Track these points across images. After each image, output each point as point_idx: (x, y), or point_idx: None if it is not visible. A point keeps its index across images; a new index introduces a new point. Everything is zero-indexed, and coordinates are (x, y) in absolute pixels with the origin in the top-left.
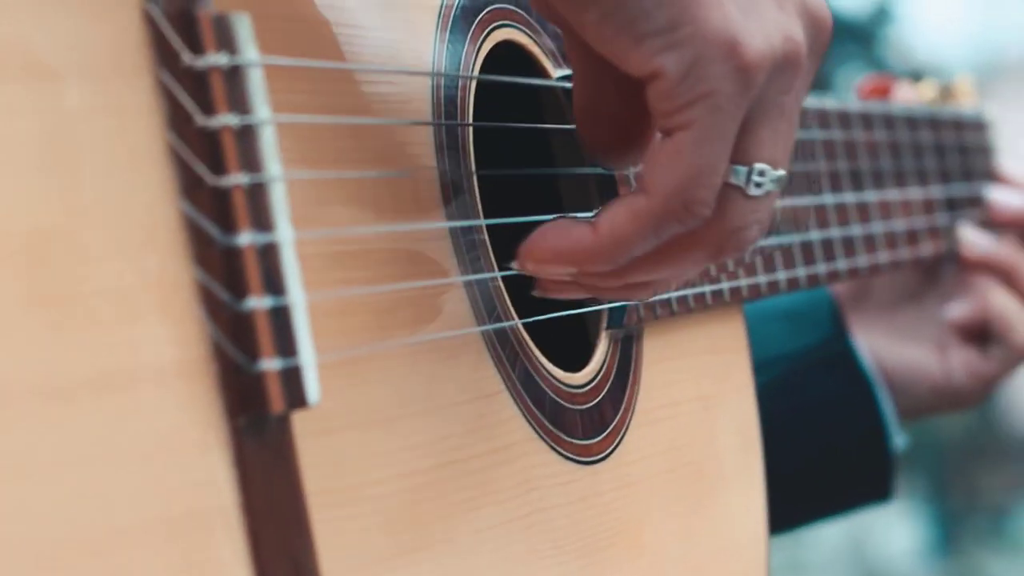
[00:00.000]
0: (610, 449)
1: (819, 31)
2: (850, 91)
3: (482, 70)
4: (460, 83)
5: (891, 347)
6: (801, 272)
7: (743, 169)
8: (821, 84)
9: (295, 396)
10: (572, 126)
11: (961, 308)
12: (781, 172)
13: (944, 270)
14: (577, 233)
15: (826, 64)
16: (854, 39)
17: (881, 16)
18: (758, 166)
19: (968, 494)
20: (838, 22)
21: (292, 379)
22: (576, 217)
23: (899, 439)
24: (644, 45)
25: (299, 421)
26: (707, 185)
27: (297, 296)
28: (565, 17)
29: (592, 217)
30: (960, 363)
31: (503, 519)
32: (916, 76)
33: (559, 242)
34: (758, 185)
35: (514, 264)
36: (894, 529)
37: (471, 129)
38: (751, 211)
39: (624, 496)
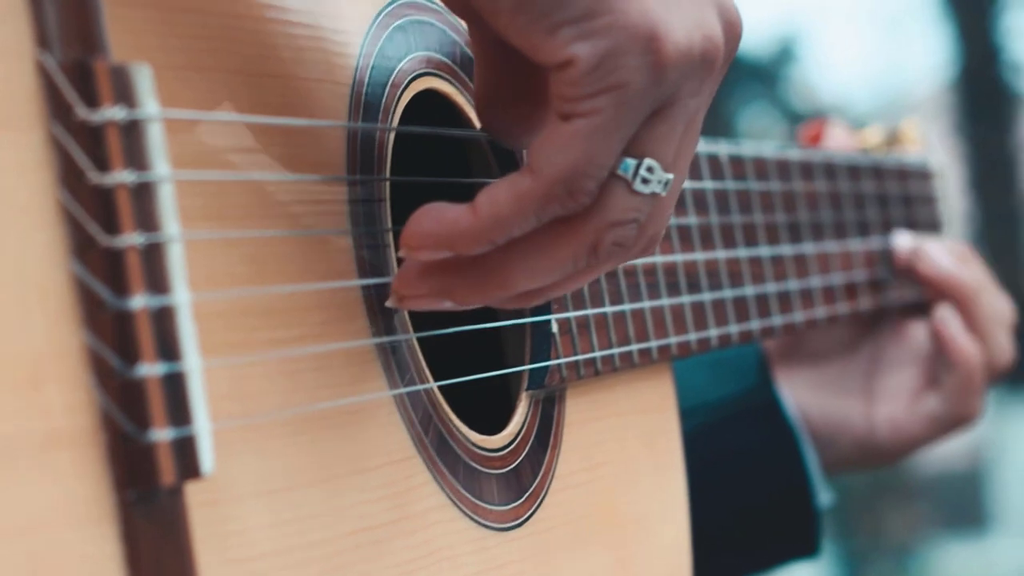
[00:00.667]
0: (527, 515)
1: (731, 37)
2: (754, 132)
3: (403, 120)
4: (378, 134)
5: (817, 399)
6: (733, 329)
7: (632, 162)
8: (724, 124)
9: (188, 467)
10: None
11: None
12: (670, 175)
13: (880, 323)
14: (454, 213)
15: (729, 104)
16: (758, 80)
17: (784, 57)
18: (648, 161)
19: (873, 534)
20: (741, 63)
21: (185, 449)
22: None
23: (825, 495)
24: (558, 34)
25: (193, 492)
26: (594, 175)
27: (193, 362)
28: (475, 6)
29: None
30: (885, 418)
31: None
32: (820, 115)
33: (435, 225)
34: (644, 181)
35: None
36: (799, 569)
37: (388, 183)
38: (633, 207)
39: (542, 563)
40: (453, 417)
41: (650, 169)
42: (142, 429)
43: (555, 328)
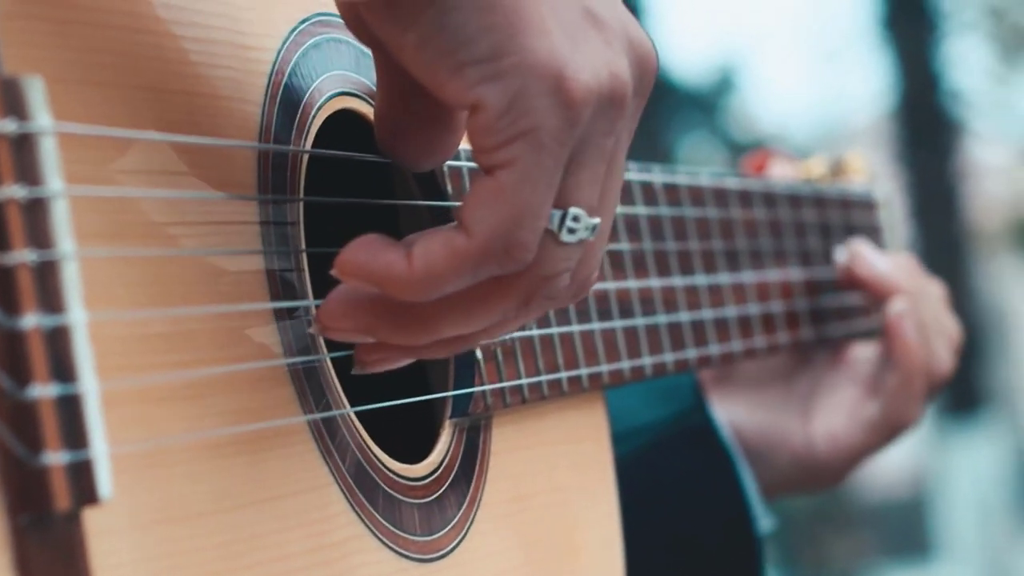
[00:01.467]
0: (452, 545)
1: (644, 72)
2: (694, 161)
3: (317, 141)
4: (291, 155)
5: (753, 418)
6: (668, 357)
7: (557, 213)
8: (664, 153)
9: (84, 492)
10: (418, 202)
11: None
12: (596, 220)
13: (818, 354)
14: (390, 257)
15: (669, 134)
16: (697, 109)
17: (724, 86)
18: (573, 211)
19: (816, 561)
20: (682, 92)
21: (81, 473)
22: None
23: (766, 521)
24: (464, 74)
25: (92, 518)
26: (531, 228)
27: (89, 384)
28: (381, 38)
29: (411, 242)
30: (823, 431)
31: None
32: (761, 145)
33: (369, 261)
34: (571, 231)
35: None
36: None
37: (301, 205)
38: (563, 258)
39: None
40: (371, 444)
41: (576, 218)
42: (34, 452)
43: (479, 354)
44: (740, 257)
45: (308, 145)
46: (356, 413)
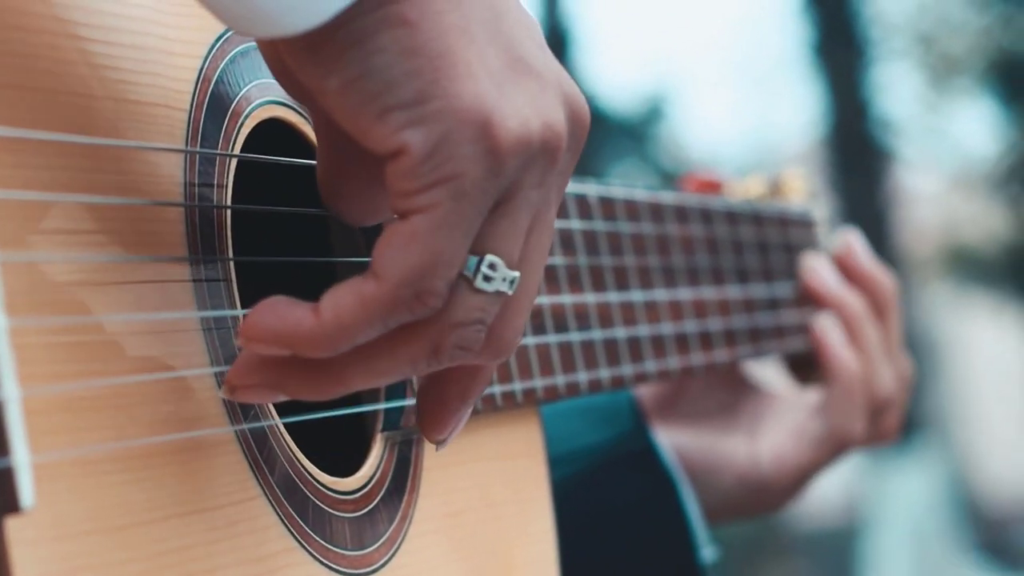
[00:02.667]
0: (383, 560)
1: (578, 125)
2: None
3: (245, 148)
4: (218, 162)
5: (696, 440)
6: (604, 373)
7: (473, 259)
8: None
9: (6, 500)
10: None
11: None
12: (516, 273)
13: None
14: (297, 315)
15: (599, 162)
16: (627, 137)
17: (653, 115)
18: (489, 258)
19: None
20: (612, 120)
21: (3, 481)
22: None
23: (708, 551)
24: (388, 119)
25: (15, 527)
26: (442, 276)
27: (10, 389)
28: (305, 84)
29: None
30: (768, 449)
31: None
32: (691, 171)
33: (277, 323)
34: (487, 279)
35: (236, 341)
36: None
37: (229, 212)
38: (476, 307)
39: None
40: (301, 457)
41: (492, 266)
42: None
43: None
44: (677, 274)
45: (236, 152)
46: (286, 425)
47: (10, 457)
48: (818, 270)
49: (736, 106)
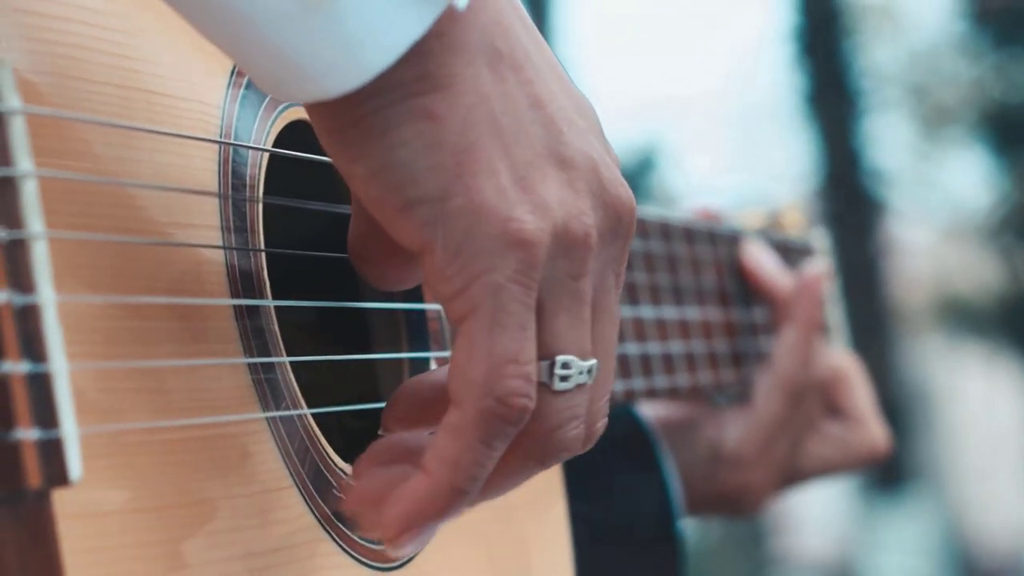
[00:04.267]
0: (409, 556)
1: (619, 214)
2: None
3: (276, 147)
4: (250, 157)
5: (670, 408)
6: (617, 387)
7: (544, 363)
8: None
9: (55, 471)
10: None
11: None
12: (592, 362)
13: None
14: (411, 487)
15: None
16: None
17: (645, 165)
18: (561, 358)
19: None
20: None
21: (52, 453)
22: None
23: (684, 523)
24: (412, 214)
25: (61, 500)
26: (514, 375)
27: (59, 363)
28: (336, 166)
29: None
30: (732, 419)
31: None
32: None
33: (402, 507)
34: (564, 379)
35: (391, 550)
36: None
37: (261, 206)
38: (565, 408)
39: None
40: (329, 449)
41: (566, 365)
42: (6, 428)
43: (434, 365)
44: (685, 293)
45: (269, 145)
46: (315, 419)
47: (59, 429)
48: (747, 250)
49: (728, 157)
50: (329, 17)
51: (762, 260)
